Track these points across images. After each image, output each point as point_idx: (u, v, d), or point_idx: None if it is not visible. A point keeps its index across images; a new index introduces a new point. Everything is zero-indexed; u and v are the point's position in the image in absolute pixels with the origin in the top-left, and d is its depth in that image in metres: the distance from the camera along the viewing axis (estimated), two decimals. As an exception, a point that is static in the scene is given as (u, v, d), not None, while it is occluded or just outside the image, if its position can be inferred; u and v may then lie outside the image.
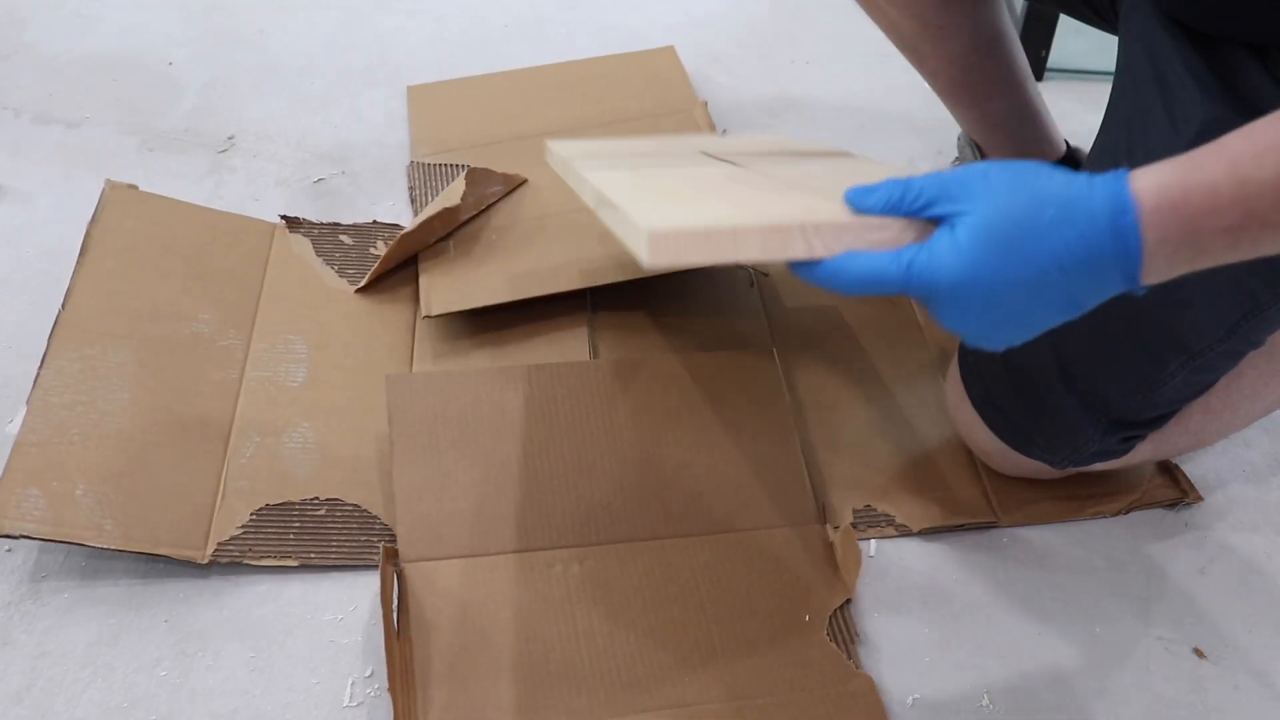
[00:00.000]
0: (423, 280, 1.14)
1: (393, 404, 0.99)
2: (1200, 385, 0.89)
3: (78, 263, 1.08)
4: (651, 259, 0.58)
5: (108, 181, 1.16)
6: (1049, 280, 0.55)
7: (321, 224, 1.23)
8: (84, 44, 1.57)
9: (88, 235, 1.10)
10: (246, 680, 0.86)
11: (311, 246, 1.20)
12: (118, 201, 1.15)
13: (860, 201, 0.61)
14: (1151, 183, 0.55)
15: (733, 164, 0.83)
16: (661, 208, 0.64)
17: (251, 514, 0.94)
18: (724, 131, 1.31)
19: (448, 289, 1.12)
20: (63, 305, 1.04)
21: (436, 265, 1.16)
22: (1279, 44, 0.74)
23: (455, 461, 0.96)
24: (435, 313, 1.10)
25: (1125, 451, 0.92)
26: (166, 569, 0.93)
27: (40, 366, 0.99)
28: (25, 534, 0.88)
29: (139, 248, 1.12)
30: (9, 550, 0.94)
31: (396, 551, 0.90)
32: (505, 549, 0.91)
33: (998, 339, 0.59)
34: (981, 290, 0.56)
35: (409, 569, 0.90)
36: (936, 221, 0.58)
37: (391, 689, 0.80)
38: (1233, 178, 0.54)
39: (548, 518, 0.93)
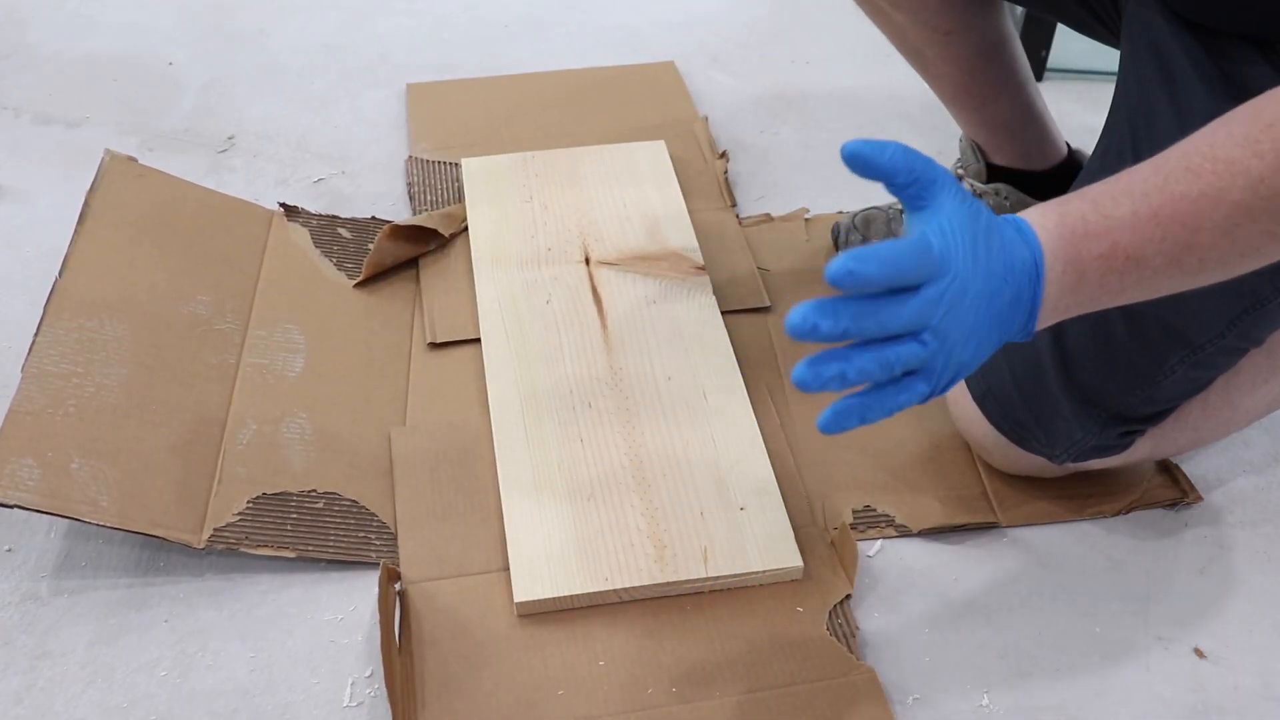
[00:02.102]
0: (425, 301, 1.15)
1: (396, 452, 1.00)
2: (1199, 382, 0.89)
3: (76, 230, 1.07)
4: (519, 613, 0.88)
5: (107, 151, 1.16)
6: (999, 279, 0.62)
7: (320, 215, 1.23)
8: (84, 44, 1.57)
9: (86, 204, 1.10)
10: (246, 680, 0.86)
11: (310, 237, 1.20)
12: (117, 172, 1.15)
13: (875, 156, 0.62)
14: (1032, 212, 0.64)
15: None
16: (533, 570, 0.89)
17: (248, 502, 0.94)
18: (723, 154, 1.33)
19: (451, 313, 1.13)
20: (60, 273, 1.03)
21: (440, 282, 1.17)
22: None
23: (454, 494, 0.97)
24: (441, 340, 1.10)
25: (1124, 447, 0.92)
26: (166, 568, 0.93)
27: (36, 334, 0.98)
28: (19, 504, 0.86)
29: (137, 221, 1.12)
30: (9, 550, 0.94)
31: (399, 573, 0.91)
32: (505, 566, 0.91)
33: (972, 349, 0.63)
34: (965, 278, 0.60)
35: (411, 589, 0.90)
36: None
37: (391, 699, 0.80)
38: (1096, 212, 0.62)
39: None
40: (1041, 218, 0.63)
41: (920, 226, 0.61)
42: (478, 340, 1.10)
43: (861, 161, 0.61)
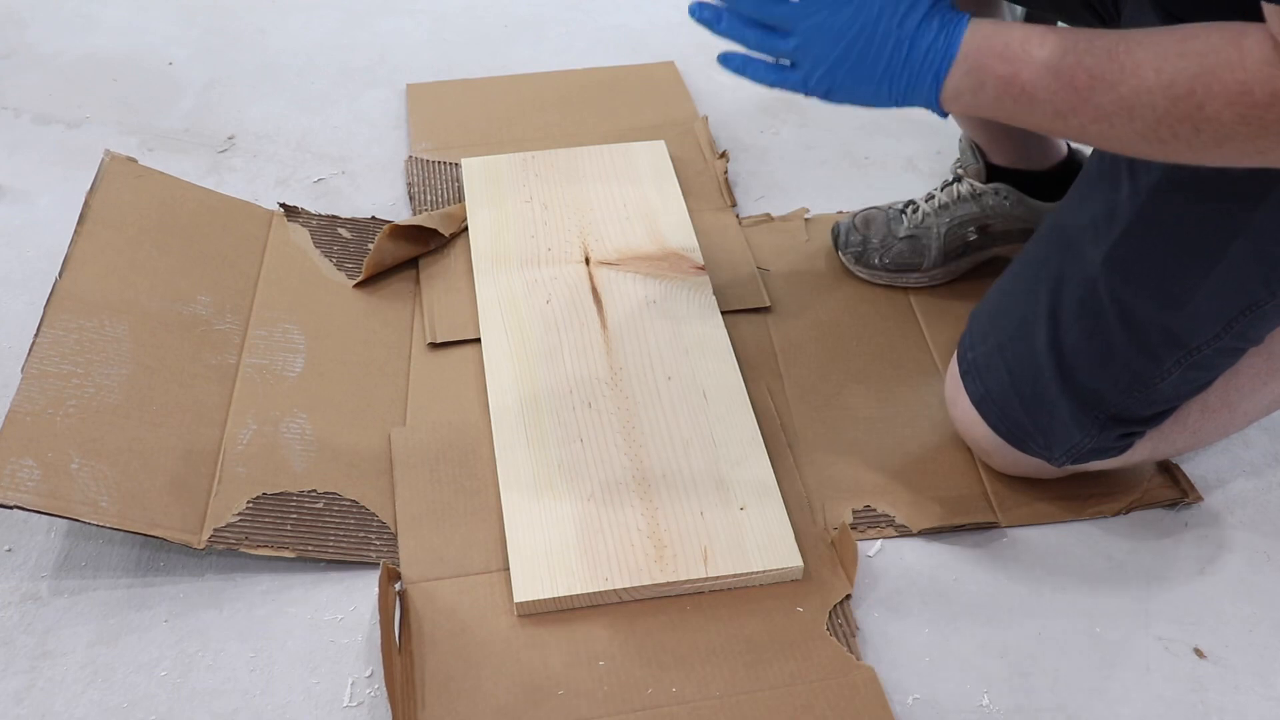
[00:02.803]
0: (425, 301, 1.15)
1: (396, 452, 1.00)
2: (1197, 383, 0.89)
3: (76, 231, 1.07)
4: (519, 613, 0.88)
5: (107, 152, 1.16)
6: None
7: (320, 215, 1.23)
8: (84, 44, 1.57)
9: (86, 204, 1.10)
10: (246, 680, 0.86)
11: (310, 237, 1.20)
12: (117, 173, 1.15)
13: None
14: (980, 20, 0.74)
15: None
16: (533, 570, 0.89)
17: (248, 502, 0.94)
18: (724, 154, 1.33)
19: (451, 313, 1.13)
20: (60, 274, 1.03)
21: (439, 282, 1.17)
22: None
23: (454, 494, 0.97)
24: (441, 340, 1.10)
25: (1124, 449, 0.92)
26: (166, 567, 0.93)
27: (36, 335, 0.98)
28: (19, 505, 0.86)
29: (137, 221, 1.12)
30: (9, 550, 0.94)
31: (399, 573, 0.91)
32: (505, 566, 0.91)
33: (843, 72, 0.78)
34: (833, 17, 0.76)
35: (411, 589, 0.90)
36: None
37: (391, 699, 0.80)
38: (1021, 44, 0.71)
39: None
40: (979, 24, 0.73)
41: None
42: (478, 340, 1.10)
43: None
